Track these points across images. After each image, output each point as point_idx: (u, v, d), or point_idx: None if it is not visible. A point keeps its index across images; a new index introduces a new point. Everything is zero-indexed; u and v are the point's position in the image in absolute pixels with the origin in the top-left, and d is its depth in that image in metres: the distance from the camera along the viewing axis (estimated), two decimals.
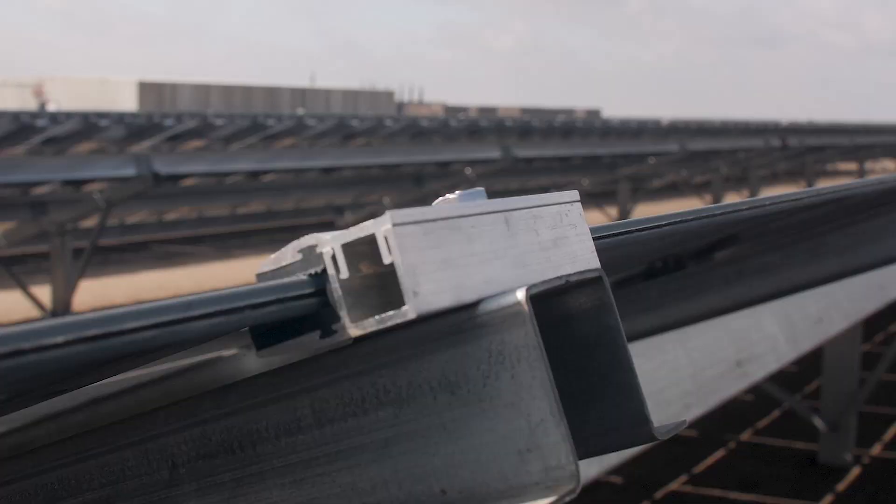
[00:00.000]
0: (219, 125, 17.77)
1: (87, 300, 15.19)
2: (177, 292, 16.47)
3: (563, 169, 19.30)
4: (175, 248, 20.70)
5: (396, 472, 1.07)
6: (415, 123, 23.01)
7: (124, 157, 13.34)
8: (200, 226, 17.61)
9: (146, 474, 1.28)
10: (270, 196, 16.62)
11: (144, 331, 0.92)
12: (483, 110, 74.25)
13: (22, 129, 17.39)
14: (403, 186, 16.60)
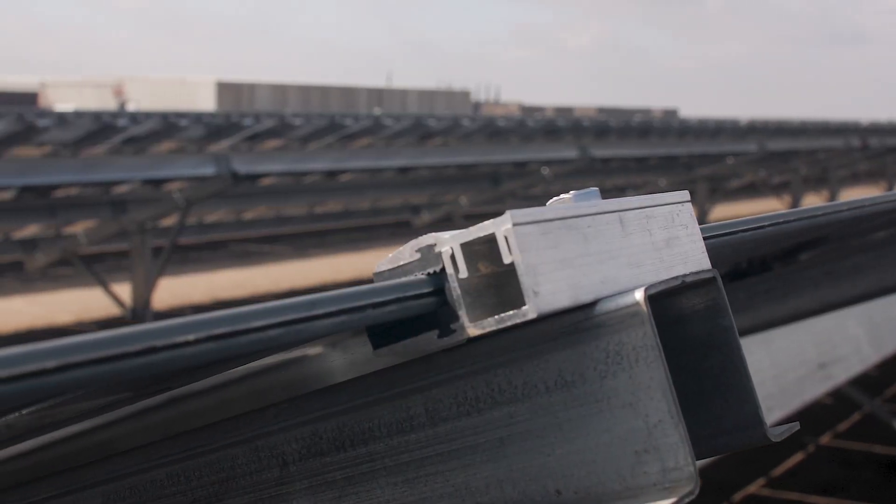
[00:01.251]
0: (296, 125, 17.87)
1: (165, 298, 15.35)
2: (254, 291, 16.59)
3: (640, 169, 19.20)
4: (252, 247, 20.86)
5: (511, 472, 1.07)
6: (491, 123, 22.98)
7: (203, 157, 13.45)
8: (278, 225, 17.73)
9: (256, 472, 1.29)
10: (347, 195, 16.68)
11: (270, 329, 0.93)
12: (559, 110, 74.05)
13: (103, 129, 17.59)
14: (480, 186, 16.59)
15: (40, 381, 0.81)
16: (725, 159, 19.41)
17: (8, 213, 12.98)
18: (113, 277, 14.82)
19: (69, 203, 13.15)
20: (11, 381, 0.79)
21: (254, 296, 16.23)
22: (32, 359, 0.81)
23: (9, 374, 0.78)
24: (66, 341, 0.85)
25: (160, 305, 14.38)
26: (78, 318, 14.61)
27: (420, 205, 17.61)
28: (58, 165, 13.15)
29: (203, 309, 14.78)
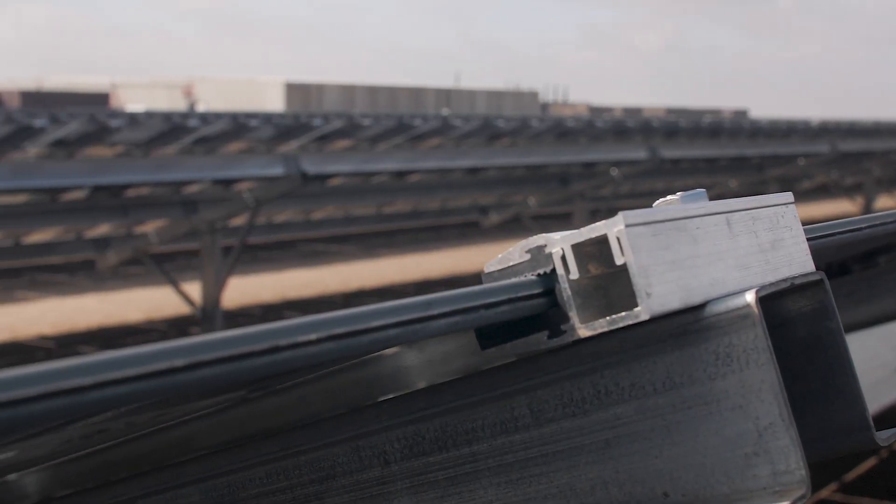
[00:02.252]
0: (365, 125, 17.93)
1: (235, 297, 15.46)
2: (323, 291, 16.67)
3: (710, 170, 19.06)
4: (321, 247, 20.96)
5: (617, 474, 1.07)
6: (560, 123, 22.92)
7: (273, 157, 13.51)
8: (346, 225, 17.79)
9: (357, 471, 1.30)
10: (416, 196, 16.69)
11: (388, 329, 0.93)
12: (628, 110, 73.73)
13: (173, 130, 17.74)
14: (548, 187, 16.55)
15: (170, 379, 0.82)
16: (797, 160, 19.23)
17: (80, 213, 13.11)
18: (183, 276, 14.95)
19: (140, 203, 13.26)
20: (144, 379, 0.79)
21: (323, 295, 16.30)
22: (162, 357, 0.82)
23: (141, 372, 0.79)
24: (193, 340, 0.87)
25: (229, 304, 14.48)
26: (148, 317, 14.75)
27: (488, 205, 17.59)
28: (129, 165, 13.27)
29: (272, 308, 14.94)
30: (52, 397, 0.81)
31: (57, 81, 72.07)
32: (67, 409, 0.80)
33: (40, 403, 0.81)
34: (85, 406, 0.81)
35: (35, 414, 0.79)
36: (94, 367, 0.82)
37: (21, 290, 16.59)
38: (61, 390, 0.82)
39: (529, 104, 76.20)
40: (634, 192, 19.88)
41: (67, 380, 0.82)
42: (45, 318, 14.67)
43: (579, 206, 16.91)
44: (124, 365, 0.82)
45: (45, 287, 16.89)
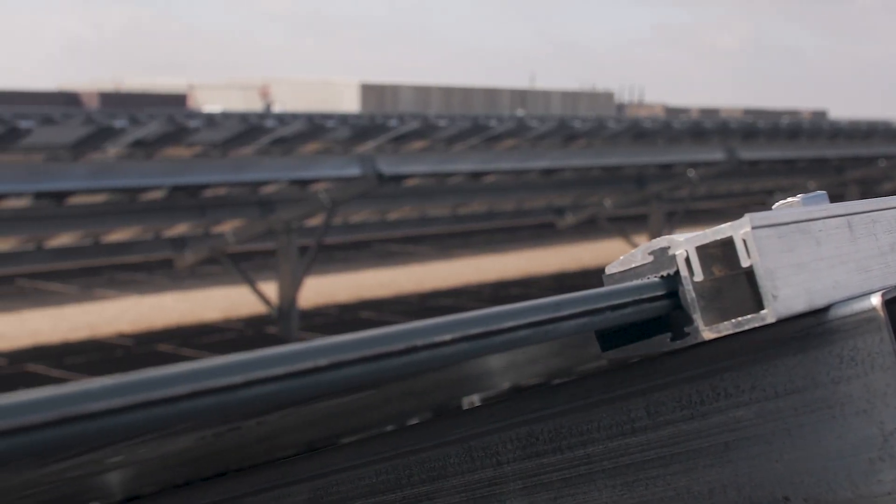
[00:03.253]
0: (441, 126, 17.96)
1: (311, 297, 15.53)
2: (398, 291, 16.71)
3: (789, 171, 18.87)
4: (396, 248, 21.01)
5: (736, 477, 1.06)
6: (637, 124, 22.80)
7: (349, 158, 13.56)
8: (422, 225, 17.82)
9: (469, 472, 1.30)
10: (491, 197, 16.69)
11: (520, 329, 0.94)
12: (705, 111, 73.19)
13: (251, 130, 17.87)
14: (624, 188, 16.48)
15: (314, 378, 0.82)
16: (878, 162, 18.98)
17: (159, 213, 13.24)
18: (259, 276, 15.04)
19: (218, 203, 13.37)
20: (290, 378, 0.80)
21: (398, 296, 16.34)
22: (308, 356, 0.83)
23: (288, 371, 0.80)
24: (336, 340, 0.88)
25: (305, 304, 14.56)
26: (225, 316, 14.87)
27: (564, 206, 17.55)
28: (207, 166, 13.38)
29: (348, 308, 14.98)
30: (204, 395, 0.82)
31: (135, 82, 72.90)
32: (218, 408, 0.81)
33: (193, 401, 0.82)
34: (234, 405, 0.82)
35: (188, 411, 0.80)
36: (243, 366, 0.83)
37: (100, 289, 16.79)
38: (214, 388, 0.83)
39: (605, 105, 75.90)
40: (712, 194, 19.73)
41: (218, 378, 0.84)
42: (123, 316, 14.84)
43: (655, 207, 16.82)
44: (272, 364, 0.83)
45: (124, 286, 17.08)
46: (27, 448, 0.76)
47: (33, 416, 0.76)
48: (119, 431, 0.80)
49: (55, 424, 0.77)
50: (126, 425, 0.80)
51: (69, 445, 0.77)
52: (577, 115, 28.14)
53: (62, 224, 12.56)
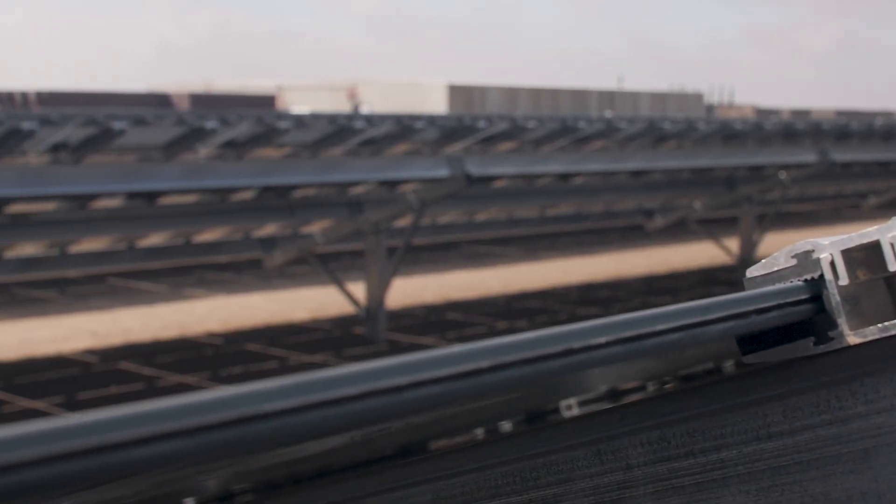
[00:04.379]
0: (530, 128, 17.91)
1: (398, 298, 15.55)
2: (485, 293, 16.67)
3: (883, 174, 18.57)
4: (484, 249, 20.98)
5: (876, 484, 1.02)
6: (727, 126, 22.57)
7: (438, 159, 13.55)
8: (510, 227, 17.79)
9: (598, 475, 1.29)
10: (580, 198, 16.61)
11: (671, 333, 0.93)
12: (795, 112, 72.40)
13: (340, 131, 17.93)
14: (714, 190, 16.31)
15: (476, 380, 0.85)
16: None
17: (248, 213, 13.34)
18: (347, 276, 15.09)
19: (307, 203, 13.44)
20: (453, 380, 0.83)
21: (485, 297, 16.31)
22: (470, 358, 0.85)
23: (452, 373, 0.82)
24: (498, 342, 0.90)
25: (393, 305, 14.57)
26: (314, 316, 14.93)
27: (653, 208, 17.41)
28: (296, 166, 13.45)
29: (435, 309, 14.97)
30: (373, 395, 0.83)
31: (224, 84, 73.67)
32: (386, 409, 0.83)
33: (361, 402, 0.83)
34: (399, 406, 0.84)
35: (353, 413, 0.82)
36: (409, 368, 0.85)
37: (190, 288, 16.95)
38: (382, 389, 0.84)
39: (694, 106, 75.38)
40: (804, 196, 19.47)
41: (386, 379, 0.84)
42: (213, 315, 14.96)
43: (746, 210, 16.63)
44: (436, 365, 0.85)
45: (214, 285, 17.22)
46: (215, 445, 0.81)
47: (223, 413, 0.81)
48: (295, 432, 0.83)
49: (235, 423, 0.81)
50: (301, 425, 0.83)
51: (250, 445, 0.81)
52: (667, 117, 27.92)
53: (154, 224, 12.69)
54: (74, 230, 11.74)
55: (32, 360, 12.37)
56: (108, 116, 20.02)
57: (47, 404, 10.52)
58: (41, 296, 16.13)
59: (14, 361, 12.32)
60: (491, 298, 16.24)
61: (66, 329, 13.96)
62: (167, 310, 15.27)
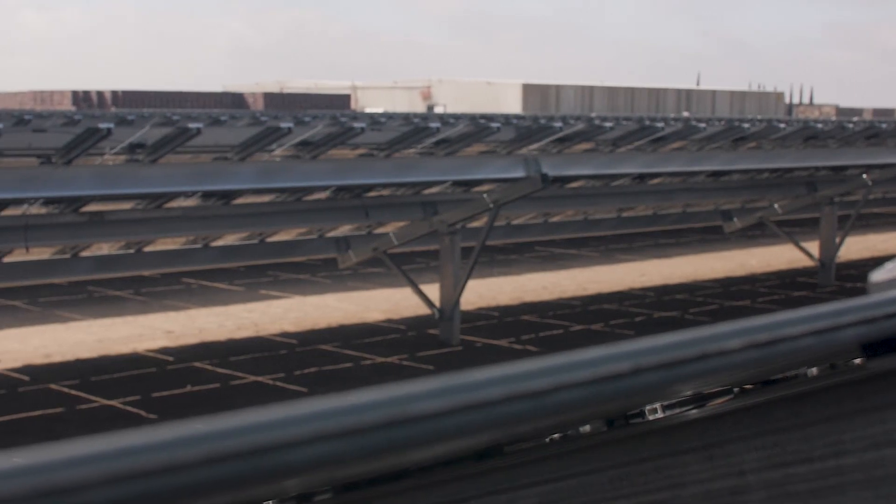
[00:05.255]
0: (606, 128, 17.78)
1: (472, 299, 15.47)
2: (560, 295, 16.55)
3: None
4: (559, 250, 20.85)
5: None
6: (808, 126, 22.29)
7: (513, 159, 13.45)
8: (585, 228, 17.65)
9: (709, 480, 1.27)
10: (657, 199, 16.43)
11: (802, 338, 0.88)
12: (879, 112, 71.47)
13: (414, 131, 17.88)
14: (795, 192, 16.07)
15: (614, 385, 0.87)
16: None
17: (323, 213, 13.33)
18: (422, 277, 15.04)
19: (381, 203, 13.40)
20: (597, 383, 0.84)
21: (560, 300, 16.19)
22: (610, 360, 0.86)
23: (596, 376, 0.83)
24: (638, 345, 0.90)
25: (467, 306, 14.51)
26: (387, 316, 14.90)
27: (731, 210, 17.19)
28: (371, 167, 13.41)
29: (509, 311, 14.87)
30: (520, 399, 0.84)
31: (299, 84, 74.11)
32: (532, 411, 0.85)
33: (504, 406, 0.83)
34: (547, 408, 0.86)
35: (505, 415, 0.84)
36: (552, 370, 0.84)
37: (264, 288, 16.98)
38: (527, 392, 0.85)
39: (773, 105, 74.72)
40: (887, 198, 19.14)
41: (529, 381, 0.85)
42: (287, 315, 14.97)
43: (828, 211, 16.36)
44: (578, 367, 0.86)
45: (288, 285, 17.25)
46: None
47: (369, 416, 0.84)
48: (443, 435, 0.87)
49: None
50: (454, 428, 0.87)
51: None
52: (746, 117, 27.62)
53: (229, 224, 12.72)
54: (150, 230, 11.79)
55: (108, 359, 12.43)
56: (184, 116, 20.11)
57: (123, 403, 10.55)
58: (117, 295, 16.23)
59: (91, 360, 12.39)
60: (566, 301, 16.12)
61: (141, 328, 14.03)
62: (242, 309, 15.31)
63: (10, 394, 10.93)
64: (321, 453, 0.88)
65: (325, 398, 0.95)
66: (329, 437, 0.87)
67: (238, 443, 0.88)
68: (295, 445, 0.89)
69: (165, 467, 0.91)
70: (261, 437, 0.88)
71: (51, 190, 10.24)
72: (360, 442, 0.86)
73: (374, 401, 0.85)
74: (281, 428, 0.89)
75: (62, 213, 10.90)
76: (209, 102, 61.82)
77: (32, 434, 9.54)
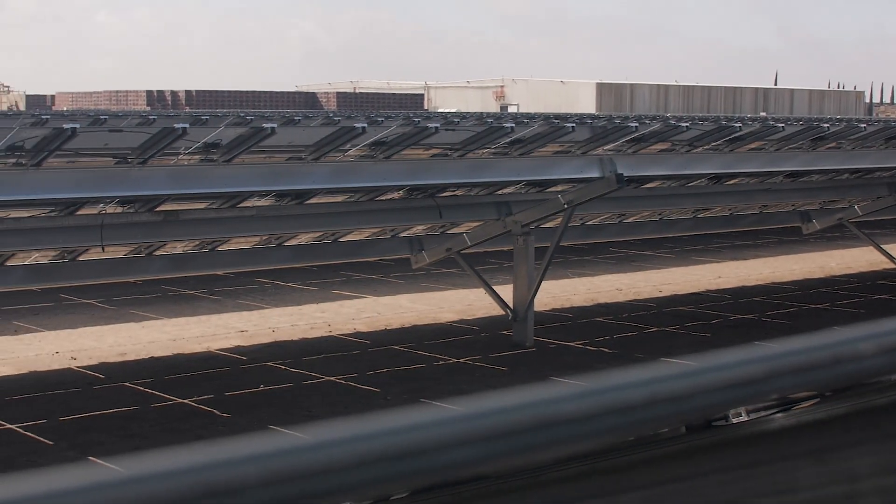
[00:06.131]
0: (683, 128, 17.56)
1: (546, 300, 15.36)
2: (635, 297, 16.38)
3: None
4: (634, 251, 20.67)
5: None
6: (889, 126, 21.89)
7: (588, 159, 13.33)
8: (661, 229, 17.45)
9: (819, 486, 1.25)
10: (734, 200, 16.21)
11: None
12: None
13: (488, 131, 17.78)
14: (877, 192, 15.79)
15: (729, 392, 0.87)
16: None
17: (396, 213, 13.29)
18: (495, 278, 14.95)
19: (455, 203, 13.32)
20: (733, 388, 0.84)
21: (634, 301, 16.05)
22: (744, 364, 0.85)
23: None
24: (770, 351, 0.87)
25: (540, 307, 14.41)
26: (460, 317, 14.84)
27: (810, 211, 16.92)
28: (444, 167, 13.36)
29: (584, 312, 14.70)
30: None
31: (372, 84, 74.27)
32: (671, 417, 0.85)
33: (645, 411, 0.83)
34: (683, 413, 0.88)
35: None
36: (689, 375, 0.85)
37: (337, 288, 16.98)
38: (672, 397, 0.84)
39: (853, 105, 73.71)
40: None
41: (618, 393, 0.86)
42: (360, 315, 14.96)
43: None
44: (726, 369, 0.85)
45: (361, 285, 17.24)
46: None
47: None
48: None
49: None
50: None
51: None
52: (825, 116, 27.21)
53: (302, 223, 12.71)
54: (224, 229, 11.81)
55: (182, 357, 12.49)
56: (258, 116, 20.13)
57: (196, 402, 10.57)
58: (191, 294, 16.30)
59: (165, 358, 12.45)
60: (641, 302, 15.98)
61: (215, 327, 14.08)
62: (315, 309, 15.33)
63: (85, 391, 11.01)
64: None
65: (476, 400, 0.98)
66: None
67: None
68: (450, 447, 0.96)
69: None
70: (421, 435, 0.95)
71: (127, 189, 10.27)
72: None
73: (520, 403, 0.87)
74: (445, 426, 0.96)
75: (137, 212, 10.94)
76: (282, 102, 62.11)
77: (108, 432, 9.59)
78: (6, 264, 11.59)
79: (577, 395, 0.86)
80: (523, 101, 60.81)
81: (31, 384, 11.22)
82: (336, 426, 1.00)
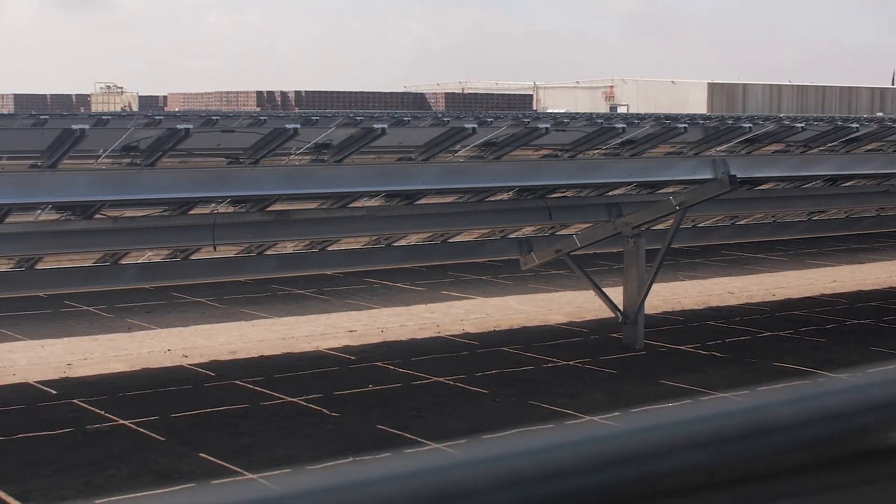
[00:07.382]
0: (797, 128, 17.20)
1: (656, 302, 15.16)
2: (748, 300, 16.10)
3: None
4: (746, 254, 20.33)
5: None
6: None
7: (700, 160, 13.14)
8: (774, 231, 17.11)
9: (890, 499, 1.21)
10: (850, 203, 15.83)
11: None
12: None
13: (599, 132, 17.61)
14: None
15: None
16: None
17: (506, 213, 13.21)
18: (604, 280, 14.80)
19: (565, 205, 13.20)
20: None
21: (747, 305, 15.75)
22: None
23: None
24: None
25: (651, 310, 14.21)
26: (570, 319, 14.69)
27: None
28: (554, 167, 13.25)
29: (695, 315, 14.49)
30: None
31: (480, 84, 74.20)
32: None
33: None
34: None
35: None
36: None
37: (446, 289, 16.94)
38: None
39: None
40: None
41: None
42: (468, 316, 14.89)
43: None
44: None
45: (469, 286, 17.18)
46: None
47: None
48: None
49: None
50: None
51: None
52: None
53: (412, 224, 12.67)
54: (334, 229, 11.82)
55: (292, 356, 12.52)
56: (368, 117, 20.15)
57: (305, 401, 10.59)
58: (301, 293, 16.38)
59: (275, 357, 12.50)
60: (754, 306, 15.68)
61: (324, 326, 14.11)
62: (423, 310, 15.29)
63: (196, 389, 11.08)
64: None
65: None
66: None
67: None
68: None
69: None
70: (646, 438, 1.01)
71: (239, 189, 10.33)
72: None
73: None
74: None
75: (249, 212, 11.00)
76: (391, 103, 62.31)
77: (218, 429, 9.63)
78: (120, 262, 11.73)
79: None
80: (633, 102, 60.25)
81: (143, 381, 11.35)
82: None
